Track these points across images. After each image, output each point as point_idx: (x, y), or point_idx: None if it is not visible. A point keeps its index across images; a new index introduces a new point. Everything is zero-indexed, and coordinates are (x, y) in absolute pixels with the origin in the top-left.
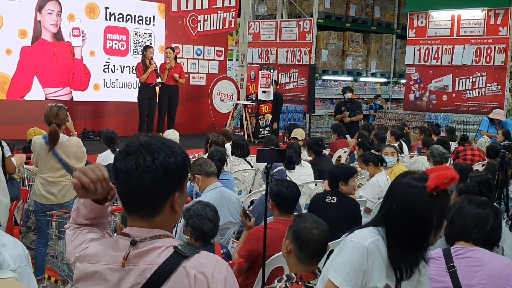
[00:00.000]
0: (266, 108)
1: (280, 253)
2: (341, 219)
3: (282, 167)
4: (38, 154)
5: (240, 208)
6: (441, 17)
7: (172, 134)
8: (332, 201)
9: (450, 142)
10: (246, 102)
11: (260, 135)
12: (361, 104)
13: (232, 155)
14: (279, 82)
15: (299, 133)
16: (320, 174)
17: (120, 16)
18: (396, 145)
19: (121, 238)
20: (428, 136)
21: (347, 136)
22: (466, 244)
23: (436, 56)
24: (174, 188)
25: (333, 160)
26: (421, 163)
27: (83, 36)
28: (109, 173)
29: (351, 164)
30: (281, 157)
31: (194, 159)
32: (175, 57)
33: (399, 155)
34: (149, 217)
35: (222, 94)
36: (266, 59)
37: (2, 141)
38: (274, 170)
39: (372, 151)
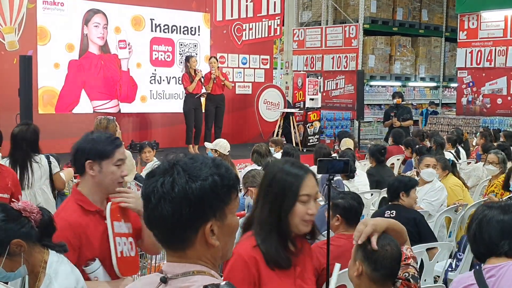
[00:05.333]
0: (314, 115)
1: (344, 270)
2: None
3: (340, 177)
4: None
5: None
6: (493, 17)
7: (221, 143)
8: (391, 215)
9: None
10: (293, 110)
11: (308, 143)
12: (410, 109)
13: None
14: (325, 89)
15: (349, 143)
16: (377, 184)
17: (166, 27)
18: (453, 151)
19: (156, 276)
20: (489, 141)
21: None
22: (498, 260)
23: (489, 58)
24: (205, 218)
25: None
26: (481, 170)
27: (129, 48)
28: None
29: (408, 173)
30: (345, 167)
31: (243, 170)
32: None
33: (457, 162)
34: (179, 251)
35: (268, 103)
36: (312, 66)
37: (51, 157)
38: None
39: None
